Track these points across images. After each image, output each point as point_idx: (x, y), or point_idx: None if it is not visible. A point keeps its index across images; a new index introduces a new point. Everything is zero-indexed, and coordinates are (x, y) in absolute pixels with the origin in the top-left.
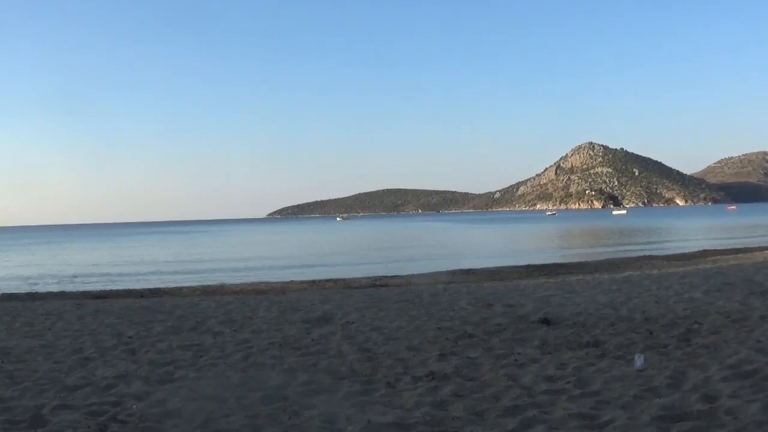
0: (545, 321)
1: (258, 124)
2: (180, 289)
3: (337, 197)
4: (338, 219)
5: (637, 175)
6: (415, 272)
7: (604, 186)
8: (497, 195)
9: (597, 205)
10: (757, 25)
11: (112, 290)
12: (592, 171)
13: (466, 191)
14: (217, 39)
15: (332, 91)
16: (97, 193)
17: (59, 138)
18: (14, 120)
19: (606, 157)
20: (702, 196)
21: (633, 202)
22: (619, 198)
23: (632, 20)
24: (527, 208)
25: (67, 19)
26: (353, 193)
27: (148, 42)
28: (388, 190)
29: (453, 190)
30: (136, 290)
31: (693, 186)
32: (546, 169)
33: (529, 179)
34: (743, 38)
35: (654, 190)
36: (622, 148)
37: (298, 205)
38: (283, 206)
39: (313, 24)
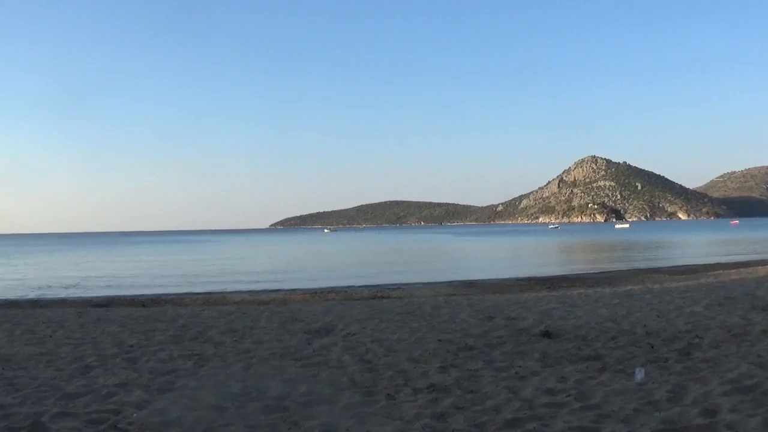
0: (546, 334)
1: (262, 134)
2: (182, 298)
3: (339, 209)
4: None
5: (640, 189)
6: (416, 284)
7: (606, 200)
8: (500, 208)
9: (599, 218)
10: (763, 39)
11: (113, 298)
12: (594, 184)
13: (469, 204)
14: (220, 48)
15: (335, 102)
16: (98, 202)
17: (59, 146)
18: (14, 127)
19: (609, 170)
20: (704, 210)
21: (635, 216)
22: (622, 212)
23: (637, 34)
24: (530, 221)
25: (66, 25)
26: (356, 205)
27: (150, 51)
28: (390, 202)
29: (455, 202)
30: (137, 299)
31: (696, 200)
32: (549, 182)
33: (532, 192)
34: (748, 53)
35: (657, 204)
36: (625, 162)
37: (300, 216)
38: (286, 217)
39: (317, 34)
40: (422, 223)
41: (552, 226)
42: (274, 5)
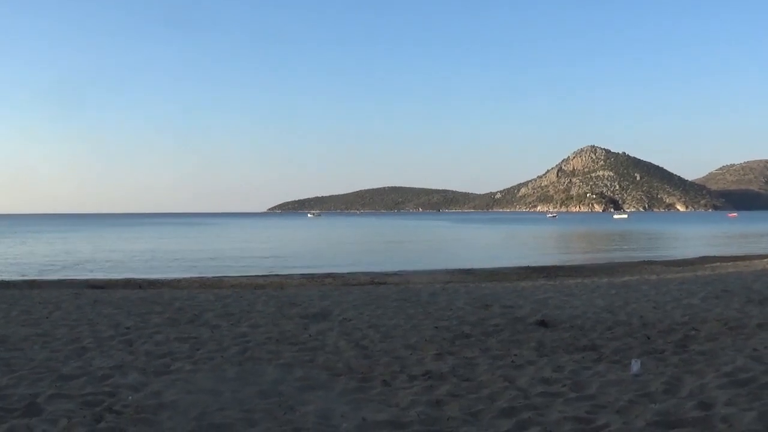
0: (543, 323)
1: (261, 118)
2: (178, 281)
3: (337, 193)
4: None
5: (639, 180)
6: (413, 271)
7: (605, 189)
8: (498, 195)
9: (597, 208)
10: (763, 32)
11: (110, 280)
12: (593, 174)
13: (467, 191)
14: (217, 34)
15: (334, 88)
16: (100, 184)
17: (63, 133)
18: (17, 115)
19: (608, 160)
20: (703, 202)
21: (634, 206)
22: (620, 202)
23: (637, 23)
24: (528, 209)
25: (67, 17)
26: (354, 190)
27: (148, 36)
28: (389, 187)
29: (454, 189)
30: (134, 281)
31: (694, 192)
32: (547, 171)
33: (531, 181)
34: (748, 46)
35: (655, 195)
36: (624, 153)
37: (299, 201)
38: (284, 201)
39: (313, 19)
40: (420, 209)
41: (550, 215)
42: None
